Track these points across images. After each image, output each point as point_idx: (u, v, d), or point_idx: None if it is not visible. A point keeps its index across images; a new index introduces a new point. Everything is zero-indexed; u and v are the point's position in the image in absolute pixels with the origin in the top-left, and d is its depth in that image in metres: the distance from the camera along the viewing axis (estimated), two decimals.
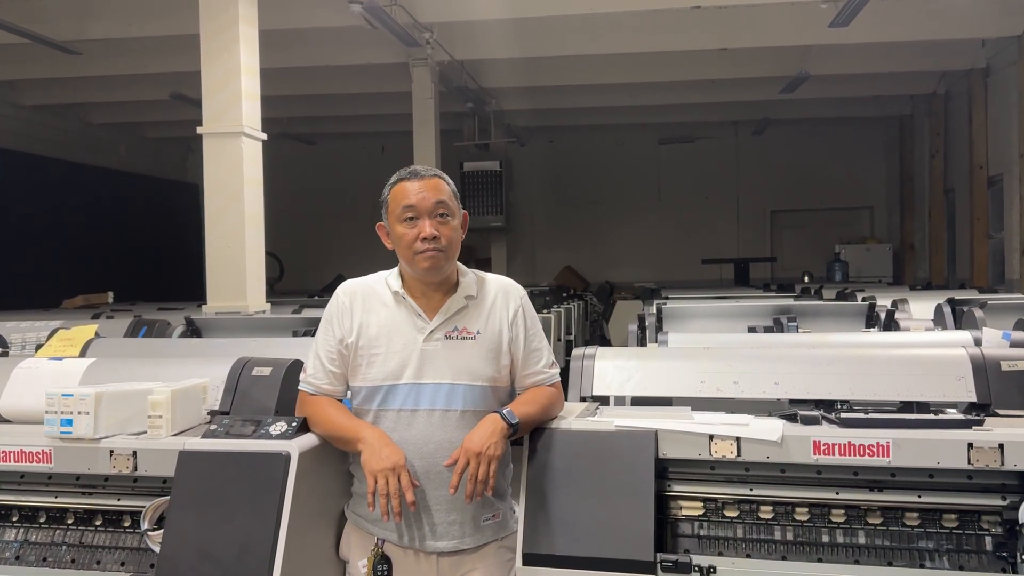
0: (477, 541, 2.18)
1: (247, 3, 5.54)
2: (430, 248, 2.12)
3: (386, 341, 2.17)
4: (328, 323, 2.23)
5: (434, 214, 2.14)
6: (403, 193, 2.16)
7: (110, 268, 11.76)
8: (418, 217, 2.13)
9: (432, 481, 2.13)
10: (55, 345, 3.16)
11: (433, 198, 2.14)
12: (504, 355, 2.21)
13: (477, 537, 2.18)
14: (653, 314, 4.40)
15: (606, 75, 10.34)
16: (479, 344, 2.19)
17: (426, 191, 2.14)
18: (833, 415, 2.17)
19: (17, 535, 2.26)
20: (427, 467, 2.12)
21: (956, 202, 11.39)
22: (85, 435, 2.13)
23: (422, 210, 2.13)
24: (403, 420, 2.14)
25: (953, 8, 8.23)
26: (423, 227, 2.12)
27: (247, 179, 5.43)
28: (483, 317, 2.21)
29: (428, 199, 2.14)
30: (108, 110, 12.28)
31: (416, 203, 2.13)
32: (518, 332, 2.23)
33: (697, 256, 13.32)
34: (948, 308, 4.30)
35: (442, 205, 2.15)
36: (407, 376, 2.15)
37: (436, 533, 2.15)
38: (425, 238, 2.11)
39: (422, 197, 2.14)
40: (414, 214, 2.14)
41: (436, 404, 2.14)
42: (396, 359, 2.16)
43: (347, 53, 9.08)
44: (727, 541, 2.10)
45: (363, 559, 2.16)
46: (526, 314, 2.25)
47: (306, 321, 4.28)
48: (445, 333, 2.18)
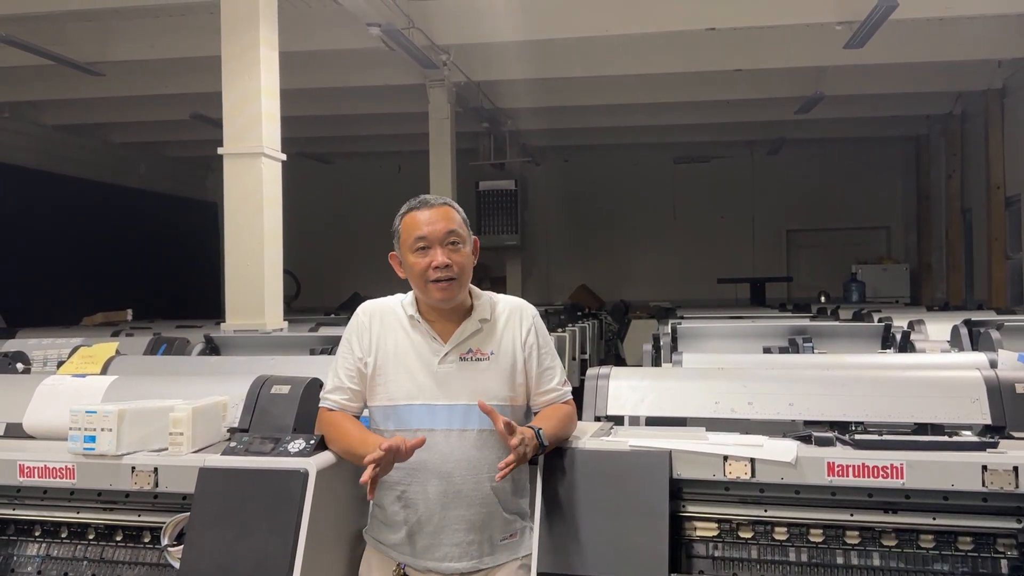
0: (496, 561, 2.19)
1: (268, 25, 5.62)
2: (442, 277, 2.15)
3: (403, 362, 2.20)
4: (348, 341, 2.27)
5: (445, 242, 2.17)
6: (414, 223, 2.19)
7: (128, 286, 11.86)
8: (430, 246, 2.16)
9: (451, 501, 2.15)
10: (77, 362, 3.20)
11: (444, 227, 2.17)
12: (519, 374, 2.23)
13: (496, 557, 2.19)
14: (668, 334, 4.41)
15: (621, 95, 10.39)
16: (493, 365, 2.21)
17: (437, 220, 2.18)
18: (847, 436, 2.17)
19: (39, 550, 2.29)
20: (445, 487, 2.14)
21: (973, 222, 11.32)
22: (108, 451, 2.16)
23: (433, 239, 2.16)
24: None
25: (969, 29, 8.23)
26: (435, 256, 2.15)
27: (266, 198, 5.48)
28: (496, 338, 2.23)
29: (439, 228, 2.17)
30: (129, 130, 12.44)
31: (427, 233, 2.16)
32: (531, 352, 2.25)
33: (712, 275, 13.30)
34: (965, 329, 4.28)
35: (453, 234, 2.18)
36: (423, 397, 2.18)
37: (454, 554, 2.16)
38: (437, 267, 2.14)
39: (433, 227, 2.17)
40: (426, 243, 2.17)
41: (453, 424, 2.16)
42: (412, 380, 2.19)
43: (365, 74, 9.18)
44: (741, 562, 2.10)
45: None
46: (538, 333, 2.28)
47: (323, 339, 4.31)
48: (460, 355, 2.20)
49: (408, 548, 2.17)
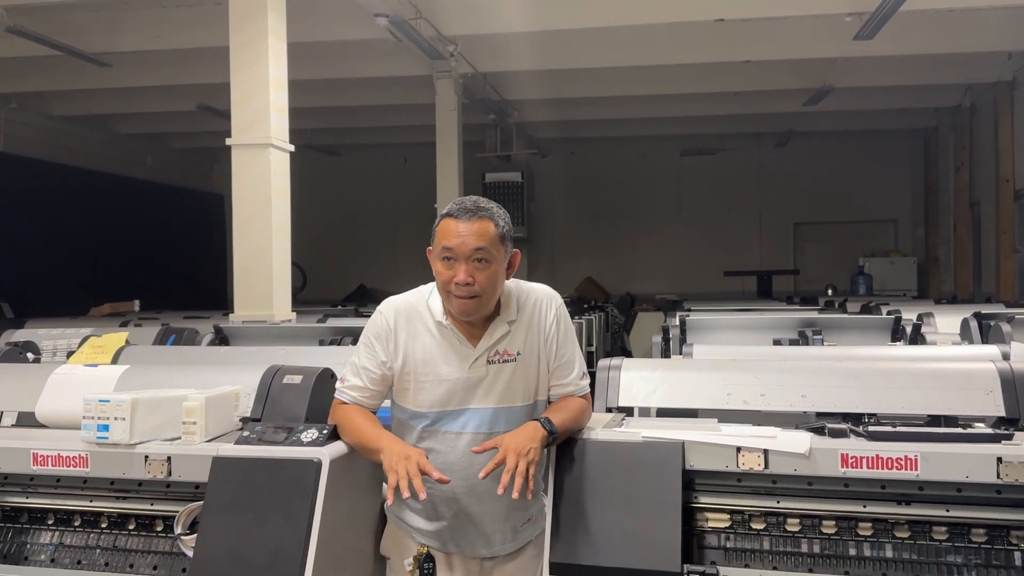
0: (516, 545, 2.28)
1: (276, 16, 5.61)
2: (463, 295, 2.12)
3: (433, 369, 2.20)
4: (372, 341, 2.24)
5: (471, 259, 2.11)
6: (446, 232, 2.13)
7: (135, 277, 11.89)
8: (455, 259, 2.12)
9: (477, 498, 2.21)
10: (87, 352, 3.21)
11: (473, 244, 2.10)
12: (544, 367, 2.26)
13: (516, 542, 2.28)
14: (677, 326, 4.40)
15: (629, 87, 10.35)
16: (520, 365, 2.22)
17: (468, 235, 2.11)
18: (861, 428, 2.17)
19: (52, 538, 2.30)
20: (471, 486, 2.18)
21: (982, 216, 11.27)
22: (121, 440, 2.16)
23: (460, 254, 2.11)
24: (448, 442, 2.20)
25: (978, 21, 8.18)
26: (458, 271, 2.11)
27: (274, 190, 5.48)
28: (522, 337, 2.23)
29: (467, 244, 2.10)
30: (136, 121, 12.45)
31: (455, 246, 2.11)
32: (552, 342, 2.26)
33: (719, 268, 13.26)
34: (975, 322, 4.27)
35: (481, 251, 2.11)
36: (454, 403, 2.20)
37: (478, 543, 2.24)
38: (459, 283, 2.11)
39: (461, 241, 2.10)
40: (451, 255, 2.12)
41: (481, 428, 2.20)
42: (443, 387, 2.19)
43: (372, 65, 9.16)
44: (754, 553, 2.10)
45: (408, 558, 2.21)
46: (560, 323, 2.28)
47: (331, 330, 4.32)
48: (487, 358, 2.20)
49: (433, 536, 2.25)
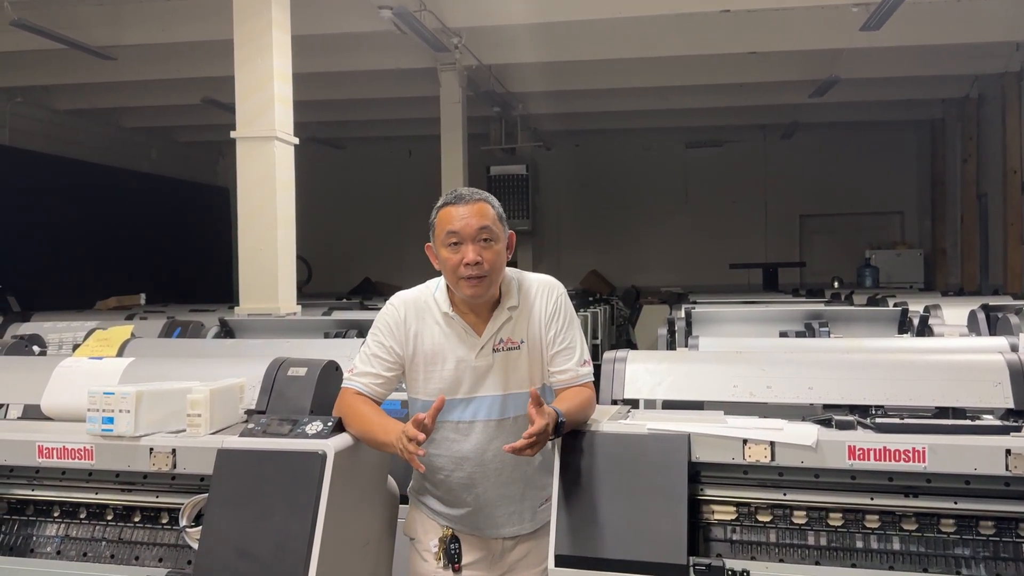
0: (535, 526, 2.34)
1: (280, 9, 5.60)
2: (473, 274, 2.16)
3: (441, 358, 2.25)
4: (381, 330, 2.29)
5: (477, 239, 2.18)
6: (448, 218, 2.20)
7: (140, 270, 11.92)
8: (461, 242, 2.17)
9: (492, 482, 2.26)
10: (92, 345, 3.21)
11: (476, 224, 2.18)
12: (547, 353, 2.29)
13: (535, 522, 2.34)
14: (682, 318, 4.39)
15: (633, 79, 10.31)
16: (524, 352, 2.28)
17: (470, 216, 2.18)
18: (868, 420, 2.15)
19: (58, 530, 2.30)
20: (486, 472, 2.25)
21: (989, 207, 11.22)
22: (126, 433, 2.17)
23: (465, 236, 2.17)
24: (461, 431, 2.25)
25: (986, 11, 8.13)
26: (466, 252, 2.17)
27: (279, 182, 5.48)
28: (525, 324, 2.28)
29: (471, 225, 2.18)
30: (141, 114, 12.45)
31: (459, 228, 2.17)
32: (551, 328, 2.28)
33: (724, 261, 13.24)
34: (983, 314, 4.24)
35: (485, 230, 2.18)
36: (463, 391, 2.25)
37: (500, 522, 2.30)
38: (468, 263, 2.16)
39: (465, 223, 2.18)
40: (458, 239, 2.18)
41: (492, 415, 2.25)
42: (451, 376, 2.25)
43: (376, 58, 9.14)
44: (760, 546, 2.10)
45: (434, 539, 2.30)
46: (560, 309, 2.30)
47: (336, 323, 4.33)
48: (493, 347, 2.25)
49: (455, 519, 2.30)
